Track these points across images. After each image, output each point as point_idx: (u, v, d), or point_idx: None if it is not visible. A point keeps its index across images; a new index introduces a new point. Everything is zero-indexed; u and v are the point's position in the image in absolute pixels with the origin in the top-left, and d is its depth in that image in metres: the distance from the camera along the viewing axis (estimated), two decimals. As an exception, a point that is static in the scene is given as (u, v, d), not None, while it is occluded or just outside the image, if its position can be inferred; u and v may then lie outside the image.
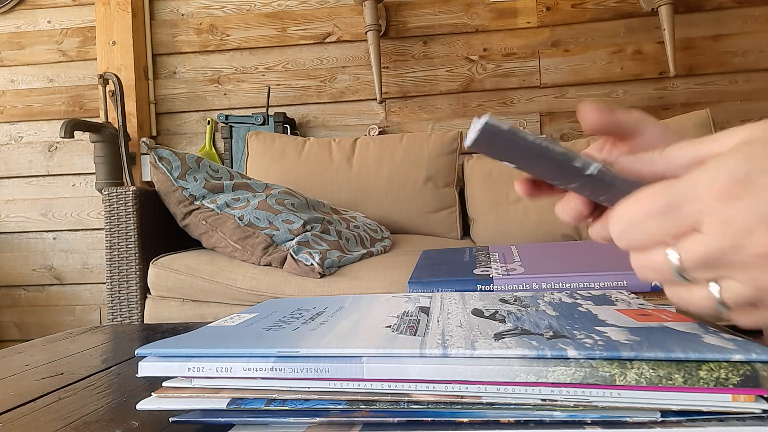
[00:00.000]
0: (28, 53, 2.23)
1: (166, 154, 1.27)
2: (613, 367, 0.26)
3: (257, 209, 1.25)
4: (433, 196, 1.74)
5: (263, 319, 0.39)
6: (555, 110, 2.05)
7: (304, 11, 2.15)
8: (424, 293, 0.48)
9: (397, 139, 1.81)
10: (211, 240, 1.28)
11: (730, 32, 1.98)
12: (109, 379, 0.46)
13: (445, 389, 0.28)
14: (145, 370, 0.31)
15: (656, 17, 1.92)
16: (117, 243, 1.30)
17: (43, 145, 2.21)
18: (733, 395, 0.26)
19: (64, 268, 2.19)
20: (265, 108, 2.03)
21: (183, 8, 2.20)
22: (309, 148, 1.81)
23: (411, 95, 2.11)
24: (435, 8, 2.09)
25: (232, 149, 2.05)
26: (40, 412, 0.38)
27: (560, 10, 2.04)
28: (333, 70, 2.14)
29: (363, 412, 0.29)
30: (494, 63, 2.08)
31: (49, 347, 0.60)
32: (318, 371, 0.29)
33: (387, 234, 1.53)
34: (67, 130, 1.71)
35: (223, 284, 1.22)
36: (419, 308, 0.40)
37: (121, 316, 1.30)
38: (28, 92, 2.23)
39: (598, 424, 0.27)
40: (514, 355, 0.27)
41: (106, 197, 1.31)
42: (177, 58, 2.20)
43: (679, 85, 2.00)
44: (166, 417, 0.33)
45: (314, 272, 1.17)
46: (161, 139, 2.20)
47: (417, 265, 0.66)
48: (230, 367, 0.30)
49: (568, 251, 0.69)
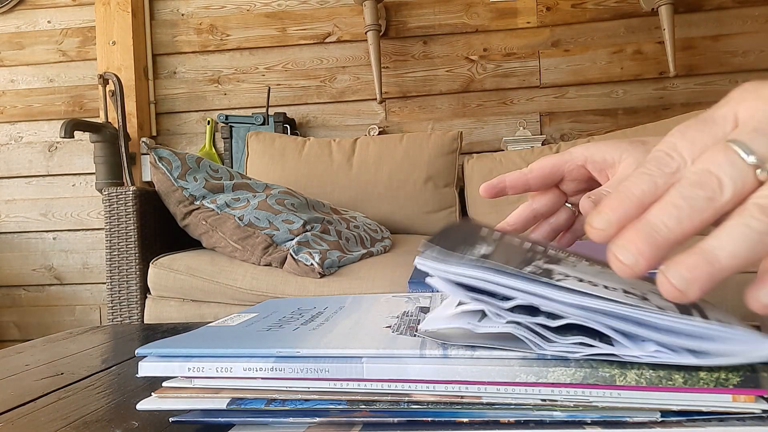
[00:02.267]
0: (28, 53, 2.23)
1: (166, 154, 1.27)
2: (613, 368, 0.26)
3: (257, 209, 1.25)
4: (433, 196, 1.74)
5: (263, 319, 0.39)
6: (555, 110, 2.06)
7: (304, 11, 2.15)
8: (424, 293, 0.48)
9: (397, 139, 1.81)
10: (211, 240, 1.28)
11: (730, 32, 1.98)
12: (109, 379, 0.46)
13: (445, 389, 0.28)
14: (145, 370, 0.31)
15: (656, 17, 1.92)
16: (117, 243, 1.30)
17: (43, 145, 2.21)
18: (733, 395, 0.26)
19: (64, 268, 2.19)
20: (265, 108, 2.03)
21: (183, 8, 2.20)
22: (309, 148, 1.81)
23: (411, 95, 2.12)
24: (435, 8, 2.09)
25: (232, 149, 2.05)
26: (40, 412, 0.38)
27: (560, 10, 2.04)
28: (333, 70, 2.15)
29: (363, 412, 0.29)
30: (494, 63, 2.08)
31: (49, 347, 0.60)
32: (318, 371, 0.29)
33: (387, 234, 1.53)
34: (67, 130, 1.71)
35: (223, 284, 1.22)
36: (419, 308, 0.40)
37: (121, 316, 1.30)
38: (28, 92, 2.23)
39: (598, 424, 0.27)
40: (514, 355, 0.27)
41: (106, 197, 1.31)
42: (177, 58, 2.20)
43: (679, 85, 2.00)
44: (166, 417, 0.33)
45: (314, 272, 1.17)
46: (161, 139, 2.20)
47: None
48: (230, 367, 0.30)
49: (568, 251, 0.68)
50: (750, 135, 0.21)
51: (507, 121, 2.07)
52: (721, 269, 0.20)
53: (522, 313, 0.27)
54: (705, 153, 0.22)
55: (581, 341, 0.26)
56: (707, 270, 0.20)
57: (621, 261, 0.22)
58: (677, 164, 0.23)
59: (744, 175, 0.21)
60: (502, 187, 0.42)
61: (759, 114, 0.22)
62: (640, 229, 0.22)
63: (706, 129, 0.23)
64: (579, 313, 0.25)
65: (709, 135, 0.23)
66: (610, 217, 0.23)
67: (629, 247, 0.22)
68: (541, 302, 0.26)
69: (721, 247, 0.20)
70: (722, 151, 0.21)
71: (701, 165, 0.22)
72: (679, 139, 0.23)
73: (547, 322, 0.26)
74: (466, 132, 2.04)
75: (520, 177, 0.41)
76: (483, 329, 0.27)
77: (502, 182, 0.42)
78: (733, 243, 0.20)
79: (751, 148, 0.21)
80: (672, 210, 0.21)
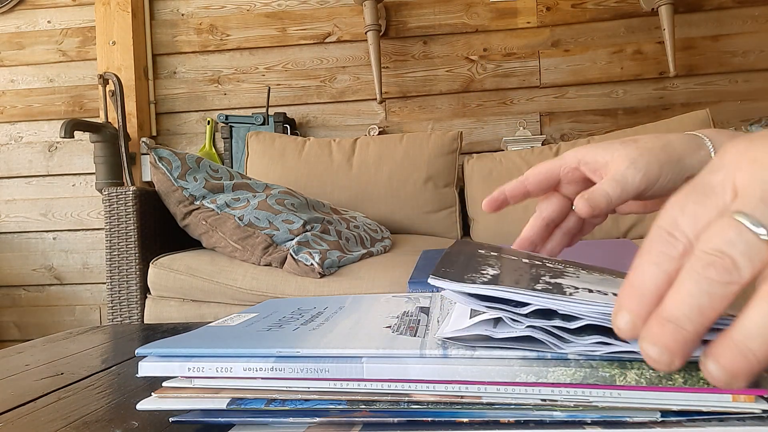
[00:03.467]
0: (28, 53, 2.23)
1: (166, 154, 1.27)
2: (613, 368, 0.26)
3: (257, 209, 1.25)
4: (433, 196, 1.74)
5: (263, 319, 0.39)
6: (555, 110, 2.06)
7: (304, 11, 2.15)
8: (424, 293, 0.48)
9: (397, 139, 1.81)
10: (211, 240, 1.28)
11: (730, 32, 1.98)
12: (109, 379, 0.46)
13: (445, 389, 0.28)
14: (145, 370, 0.31)
15: (656, 17, 1.92)
16: (117, 243, 1.30)
17: (43, 145, 2.21)
18: (733, 395, 0.26)
19: (64, 268, 2.19)
20: (265, 108, 2.03)
21: (183, 8, 2.20)
22: (309, 148, 1.81)
23: (411, 95, 2.11)
24: (435, 8, 2.09)
25: (232, 149, 2.05)
26: (40, 412, 0.38)
27: (560, 10, 2.04)
28: (333, 70, 2.14)
29: (363, 412, 0.29)
30: (494, 63, 2.08)
31: (49, 347, 0.60)
32: (318, 371, 0.29)
33: (387, 234, 1.53)
34: (67, 130, 1.71)
35: (223, 284, 1.22)
36: (419, 308, 0.40)
37: (121, 316, 1.30)
38: (28, 92, 2.23)
39: (598, 424, 0.27)
40: (514, 355, 0.27)
41: (106, 197, 1.31)
42: (177, 58, 2.20)
43: (679, 85, 2.00)
44: (166, 417, 0.33)
45: (314, 272, 1.17)
46: (161, 139, 2.20)
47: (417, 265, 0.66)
48: (230, 367, 0.30)
49: (568, 251, 0.69)
50: (756, 206, 0.21)
51: (507, 121, 2.07)
52: (758, 362, 0.20)
53: (536, 318, 0.27)
54: (711, 228, 0.21)
55: (600, 340, 0.26)
56: (745, 365, 0.20)
57: (655, 360, 0.22)
58: (683, 245, 0.22)
59: (758, 251, 0.20)
60: (503, 199, 0.44)
61: (758, 182, 0.21)
62: (665, 324, 0.21)
63: (706, 201, 0.22)
64: (596, 315, 0.26)
65: (711, 207, 0.22)
66: (633, 317, 0.23)
67: (659, 344, 0.22)
68: (559, 306, 0.26)
69: (752, 338, 0.20)
70: (731, 226, 0.21)
71: (711, 243, 0.21)
72: (679, 214, 0.23)
73: (563, 324, 0.27)
74: (466, 132, 2.04)
75: (517, 186, 0.43)
76: (502, 334, 0.27)
77: (502, 194, 0.43)
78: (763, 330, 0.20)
79: (759, 221, 0.20)
80: (691, 301, 0.21)
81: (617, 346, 0.26)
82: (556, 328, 0.27)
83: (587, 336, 0.27)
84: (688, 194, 0.23)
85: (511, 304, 0.27)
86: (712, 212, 0.22)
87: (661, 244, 0.23)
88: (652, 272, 0.22)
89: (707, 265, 0.21)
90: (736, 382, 0.21)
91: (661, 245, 0.23)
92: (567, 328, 0.27)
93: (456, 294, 0.28)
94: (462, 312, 0.32)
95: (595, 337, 0.26)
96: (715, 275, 0.20)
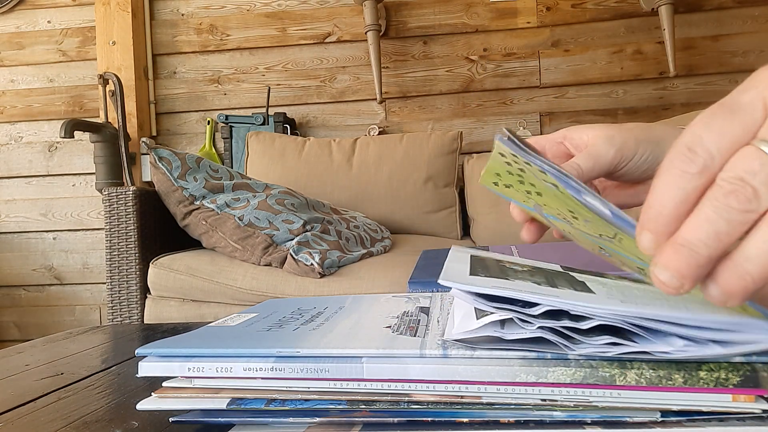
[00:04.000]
0: (28, 53, 2.23)
1: (166, 154, 1.27)
2: (613, 368, 0.26)
3: (257, 209, 1.25)
4: (433, 196, 1.74)
5: (263, 319, 0.39)
6: (555, 110, 2.06)
7: (304, 11, 2.15)
8: (424, 293, 0.48)
9: (397, 139, 1.81)
10: (211, 240, 1.28)
11: (730, 32, 1.98)
12: (109, 379, 0.46)
13: (445, 389, 0.28)
14: (145, 370, 0.31)
15: (656, 17, 1.92)
16: (117, 243, 1.30)
17: (43, 145, 2.21)
18: (733, 395, 0.26)
19: (64, 268, 2.19)
20: (265, 108, 2.03)
21: (183, 8, 2.20)
22: (309, 148, 1.81)
23: (411, 95, 2.11)
24: (435, 8, 2.09)
25: (232, 149, 2.05)
26: (40, 412, 0.38)
27: (560, 10, 2.04)
28: (333, 70, 2.14)
29: (363, 412, 0.29)
30: (494, 63, 2.08)
31: (49, 347, 0.60)
32: (318, 371, 0.29)
33: (387, 234, 1.53)
34: (67, 130, 1.71)
35: (223, 284, 1.22)
36: (419, 308, 0.40)
37: (121, 316, 1.30)
38: (28, 92, 2.23)
39: (598, 424, 0.27)
40: (514, 355, 0.27)
41: (106, 197, 1.31)
42: (177, 58, 2.20)
43: (679, 85, 2.00)
44: (166, 417, 0.33)
45: (314, 272, 1.17)
46: (161, 139, 2.20)
47: (417, 265, 0.66)
48: (230, 367, 0.30)
49: (568, 251, 0.69)
50: None
51: (507, 121, 2.07)
52: (753, 282, 0.21)
53: (545, 318, 0.27)
54: (736, 156, 0.21)
55: (611, 341, 0.26)
56: (741, 285, 0.21)
57: (665, 283, 0.22)
58: (702, 161, 0.22)
59: None
60: None
61: None
62: (680, 250, 0.22)
63: (734, 118, 0.21)
64: (609, 315, 0.26)
65: (739, 125, 0.21)
66: (655, 235, 0.23)
67: (671, 268, 0.22)
68: (571, 307, 0.26)
69: (750, 260, 0.21)
70: (755, 156, 0.20)
71: (733, 172, 0.21)
72: (704, 130, 0.22)
73: (573, 324, 0.26)
74: (466, 132, 2.04)
75: None
76: (512, 336, 0.27)
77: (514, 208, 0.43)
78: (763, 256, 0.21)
79: None
80: (709, 227, 0.21)
81: (628, 347, 0.26)
82: (566, 328, 0.27)
83: (597, 336, 0.26)
84: (714, 112, 0.22)
85: (517, 304, 0.27)
86: (738, 129, 0.21)
87: (680, 161, 0.22)
88: (671, 192, 0.22)
89: (728, 193, 0.21)
90: (731, 300, 0.22)
91: (680, 162, 0.22)
92: (578, 328, 0.27)
93: (462, 294, 0.28)
94: (467, 312, 0.31)
95: (606, 337, 0.26)
96: (735, 203, 0.21)
